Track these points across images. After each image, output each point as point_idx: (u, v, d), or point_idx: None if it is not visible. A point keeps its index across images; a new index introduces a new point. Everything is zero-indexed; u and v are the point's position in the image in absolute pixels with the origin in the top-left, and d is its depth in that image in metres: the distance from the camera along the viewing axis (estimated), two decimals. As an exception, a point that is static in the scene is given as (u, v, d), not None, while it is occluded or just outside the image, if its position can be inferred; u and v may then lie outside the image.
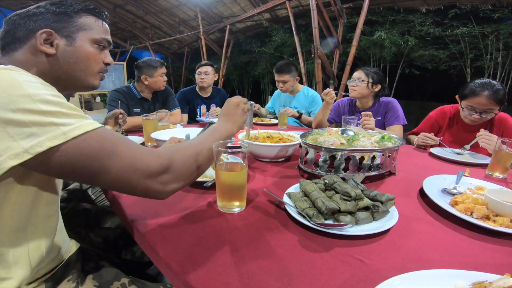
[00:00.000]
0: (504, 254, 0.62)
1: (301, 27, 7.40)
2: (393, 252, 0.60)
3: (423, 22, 6.38)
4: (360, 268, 0.54)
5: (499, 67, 5.96)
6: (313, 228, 0.65)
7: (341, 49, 5.71)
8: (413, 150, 1.56)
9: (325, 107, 1.88)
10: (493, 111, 1.49)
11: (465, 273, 0.50)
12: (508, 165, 1.14)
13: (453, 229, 0.72)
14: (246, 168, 0.75)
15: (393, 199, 0.74)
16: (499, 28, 5.73)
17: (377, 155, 0.95)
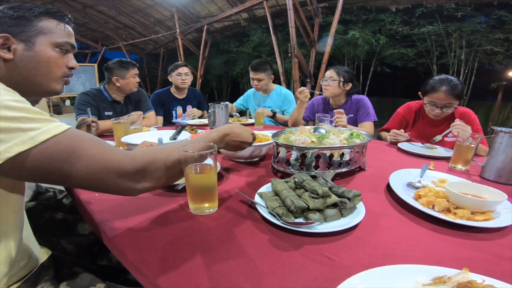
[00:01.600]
0: (465, 248, 0.64)
1: (278, 27, 7.49)
2: (360, 248, 0.61)
3: (393, 21, 6.67)
4: (328, 265, 0.55)
5: (463, 64, 6.35)
6: (283, 227, 0.66)
7: (317, 48, 5.84)
8: (383, 146, 1.62)
9: (299, 105, 1.91)
10: (453, 105, 1.57)
11: (426, 268, 0.51)
12: (469, 158, 1.21)
13: (417, 223, 0.74)
14: (215, 170, 0.74)
15: (359, 195, 0.76)
16: (462, 26, 6.10)
17: (346, 152, 0.97)
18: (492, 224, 0.71)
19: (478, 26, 6.02)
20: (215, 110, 1.59)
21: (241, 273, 0.52)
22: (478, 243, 0.66)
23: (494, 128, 1.13)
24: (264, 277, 0.51)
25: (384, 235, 0.67)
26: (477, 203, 0.78)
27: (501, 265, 0.58)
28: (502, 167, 1.07)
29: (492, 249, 0.64)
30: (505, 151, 1.07)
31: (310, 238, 0.64)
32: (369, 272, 0.50)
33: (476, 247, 0.64)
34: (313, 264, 0.55)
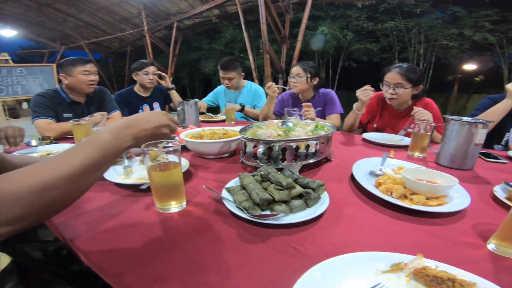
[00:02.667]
0: (422, 233, 0.66)
1: (250, 23, 7.48)
2: (325, 237, 0.63)
3: (359, 17, 6.94)
4: (295, 256, 0.56)
5: (422, 58, 6.78)
6: (251, 220, 0.66)
7: (288, 44, 5.92)
8: (348, 137, 1.68)
9: (269, 101, 1.92)
10: (403, 86, 1.63)
11: (385, 255, 0.52)
12: (425, 145, 1.29)
13: (378, 210, 0.77)
14: (180, 167, 0.73)
15: (323, 185, 0.78)
16: (421, 22, 6.50)
17: (312, 144, 1.00)
18: (445, 209, 0.74)
19: (435, 21, 6.44)
20: (184, 108, 1.56)
21: (209, 267, 0.52)
22: (434, 228, 0.69)
23: (445, 116, 1.21)
24: (232, 271, 0.51)
25: (348, 224, 0.69)
26: (430, 188, 0.81)
27: (455, 250, 0.60)
28: (455, 153, 1.16)
29: (446, 234, 0.66)
30: (456, 137, 1.15)
31: (277, 230, 0.65)
32: (330, 261, 0.50)
33: (432, 232, 0.67)
34: (280, 255, 0.56)
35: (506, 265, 0.55)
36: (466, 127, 1.12)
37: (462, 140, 1.13)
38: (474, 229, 0.69)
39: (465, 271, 0.48)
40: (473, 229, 0.69)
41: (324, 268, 0.49)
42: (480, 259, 0.57)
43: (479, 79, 7.73)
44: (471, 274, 0.47)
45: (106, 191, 0.87)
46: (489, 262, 0.56)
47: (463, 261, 0.56)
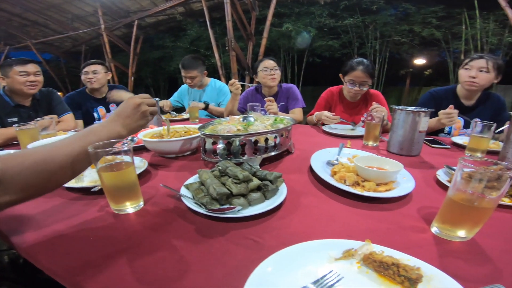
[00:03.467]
0: (373, 219, 0.69)
1: (216, 20, 7.38)
2: (283, 228, 0.64)
3: (322, 13, 7.16)
4: (253, 248, 0.57)
5: (378, 54, 7.21)
6: (210, 215, 0.67)
7: (254, 41, 5.95)
8: (310, 129, 1.75)
9: (233, 98, 1.93)
10: (367, 83, 1.80)
11: (337, 242, 0.54)
12: (377, 134, 1.38)
13: (334, 199, 0.80)
14: (132, 167, 0.71)
15: (280, 176, 0.80)
16: (377, 18, 6.88)
17: (271, 137, 1.02)
18: (393, 194, 0.78)
19: (388, 18, 6.86)
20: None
21: (167, 264, 0.52)
22: (383, 213, 0.72)
23: (392, 106, 1.31)
24: (190, 266, 0.51)
25: (305, 213, 0.71)
26: (379, 175, 0.85)
27: (402, 235, 0.63)
28: (402, 140, 1.25)
29: (394, 218, 0.69)
30: (403, 126, 1.24)
31: (236, 224, 0.66)
32: (284, 251, 0.51)
33: (381, 217, 0.70)
34: (239, 248, 0.57)
35: (448, 248, 0.58)
36: (410, 115, 1.22)
37: (408, 128, 1.23)
38: (419, 213, 0.73)
39: (410, 256, 0.50)
40: (418, 213, 0.73)
41: (279, 258, 0.49)
42: (425, 242, 0.60)
43: (428, 72, 8.46)
44: (415, 259, 0.49)
45: (56, 196, 0.82)
46: (433, 246, 0.59)
47: (410, 245, 0.59)
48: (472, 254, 0.57)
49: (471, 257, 0.56)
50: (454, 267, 0.52)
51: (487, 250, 0.58)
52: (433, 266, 0.47)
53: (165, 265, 0.52)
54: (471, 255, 0.56)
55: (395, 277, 0.46)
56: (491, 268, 0.53)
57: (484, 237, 0.62)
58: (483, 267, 0.53)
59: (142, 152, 1.24)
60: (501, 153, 1.15)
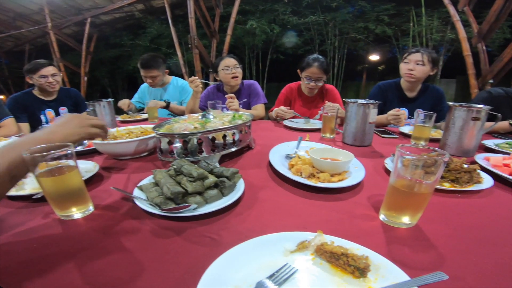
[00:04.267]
0: (327, 210, 0.70)
1: (178, 18, 7.15)
2: (240, 223, 0.65)
3: (285, 11, 7.29)
4: (210, 245, 0.57)
5: (337, 50, 7.55)
6: (166, 215, 0.65)
7: (218, 38, 5.87)
8: (271, 125, 1.79)
9: (193, 96, 1.89)
10: (322, 78, 1.92)
11: (292, 235, 0.54)
12: (333, 126, 1.45)
13: (291, 191, 0.81)
14: (75, 171, 0.66)
15: (237, 172, 0.80)
16: (336, 16, 7.18)
17: (229, 133, 1.02)
18: (345, 184, 0.80)
19: (346, 16, 7.20)
20: (95, 109, 1.41)
21: (119, 267, 0.50)
22: (336, 203, 0.73)
23: (344, 100, 1.38)
24: (145, 267, 0.50)
25: (263, 208, 0.72)
26: (331, 165, 0.88)
27: (353, 224, 0.65)
28: (355, 131, 1.33)
29: (346, 208, 0.71)
30: (355, 118, 1.32)
31: (193, 222, 0.65)
32: (240, 246, 0.51)
33: (335, 207, 0.71)
34: (195, 246, 0.56)
35: (395, 235, 0.60)
36: (361, 108, 1.30)
37: (360, 120, 1.31)
38: (369, 201, 0.75)
39: (359, 245, 0.51)
40: (369, 201, 0.76)
41: (234, 254, 0.49)
42: (374, 230, 0.62)
43: (381, 68, 9.07)
44: (364, 248, 0.50)
45: (0, 207, 0.75)
46: (382, 233, 0.61)
47: (360, 234, 0.60)
48: (417, 240, 0.59)
49: (416, 243, 0.58)
50: (400, 255, 0.54)
51: (430, 236, 0.60)
52: (380, 254, 0.49)
53: (117, 268, 0.50)
54: (416, 242, 0.58)
55: (345, 267, 0.47)
56: (435, 254, 0.54)
57: (427, 223, 0.65)
58: (427, 254, 0.55)
59: (94, 155, 1.17)
60: (441, 140, 1.28)
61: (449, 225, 0.65)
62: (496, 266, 0.51)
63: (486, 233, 0.62)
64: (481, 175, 0.90)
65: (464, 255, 0.54)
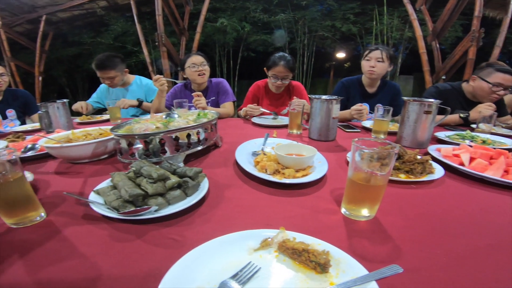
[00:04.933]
0: (291, 205, 0.70)
1: (145, 15, 6.87)
2: (205, 223, 0.64)
3: (256, 9, 7.29)
4: (173, 247, 0.55)
5: (306, 48, 7.71)
6: (127, 219, 0.63)
7: (187, 36, 5.73)
8: (240, 122, 1.79)
9: (159, 94, 1.83)
10: (288, 77, 1.96)
11: (256, 232, 0.53)
12: (299, 122, 1.48)
13: (257, 189, 0.81)
14: (19, 176, 0.62)
15: (201, 171, 0.79)
16: (305, 14, 7.32)
17: (193, 132, 1.01)
18: (309, 179, 0.81)
19: (315, 14, 7.37)
20: (48, 110, 1.31)
21: (75, 273, 0.48)
22: (301, 198, 0.74)
23: (310, 96, 1.41)
24: (103, 272, 0.49)
25: (228, 207, 0.71)
26: (296, 161, 0.89)
27: (316, 218, 0.65)
28: (320, 126, 1.37)
29: (311, 203, 0.72)
30: (319, 113, 1.36)
31: (155, 224, 0.63)
32: (203, 246, 0.50)
33: (299, 203, 0.72)
34: (158, 248, 0.55)
35: (355, 228, 0.62)
36: (325, 103, 1.34)
37: (324, 115, 1.35)
38: (332, 195, 0.77)
39: (320, 240, 0.51)
40: (331, 195, 0.77)
41: (197, 254, 0.48)
42: (336, 224, 0.63)
43: (348, 65, 9.45)
44: (325, 243, 0.50)
45: None
46: (343, 227, 0.62)
47: (323, 228, 0.62)
48: (376, 233, 0.61)
49: (375, 236, 0.59)
50: (360, 248, 0.55)
51: (388, 228, 0.62)
52: (342, 248, 0.49)
53: (74, 274, 0.48)
54: (374, 234, 0.60)
55: (307, 263, 0.47)
56: (392, 247, 0.56)
57: (385, 215, 0.67)
58: (385, 246, 0.56)
59: (47, 160, 1.08)
60: (398, 133, 1.36)
61: (405, 216, 0.68)
62: (448, 256, 0.54)
63: (439, 223, 0.65)
64: (433, 166, 0.96)
65: (419, 246, 0.56)
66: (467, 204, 0.76)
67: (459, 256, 0.54)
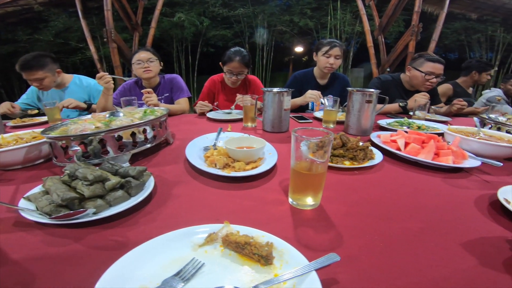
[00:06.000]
0: (241, 199, 0.70)
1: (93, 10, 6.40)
2: (149, 223, 0.62)
3: (215, 3, 7.15)
4: (116, 248, 0.53)
5: (265, 43, 7.81)
6: (61, 223, 0.59)
7: (140, 31, 5.42)
8: (195, 118, 1.76)
9: (104, 93, 1.70)
10: (244, 72, 1.97)
11: (200, 228, 0.53)
12: (253, 115, 1.50)
13: (207, 184, 0.80)
14: None
15: (145, 170, 0.76)
16: (265, 9, 7.38)
17: (138, 130, 0.96)
18: (257, 171, 0.81)
19: (274, 9, 7.47)
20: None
21: (8, 279, 0.46)
22: (250, 191, 0.75)
23: (262, 89, 1.44)
24: (36, 279, 0.46)
25: (175, 204, 0.69)
26: (245, 154, 0.89)
27: (265, 210, 0.66)
28: (272, 118, 1.40)
29: (260, 195, 0.73)
30: (271, 106, 1.39)
31: (96, 227, 0.60)
32: (145, 245, 0.48)
33: (248, 195, 0.73)
34: (99, 251, 0.53)
35: (302, 217, 0.63)
36: (276, 95, 1.37)
37: (276, 107, 1.38)
38: (280, 186, 0.78)
39: (264, 232, 0.51)
40: (280, 185, 0.78)
41: (139, 252, 0.47)
42: (283, 215, 0.64)
43: (305, 59, 9.79)
44: (269, 234, 0.50)
45: None
46: (290, 217, 0.63)
47: (271, 219, 0.62)
48: (320, 221, 0.62)
49: (319, 224, 0.61)
50: (305, 237, 0.56)
51: (331, 216, 0.64)
52: (288, 238, 0.50)
53: (5, 279, 0.46)
54: (319, 223, 0.61)
55: (251, 256, 0.47)
56: (335, 234, 0.58)
57: (329, 202, 0.69)
58: (328, 234, 0.58)
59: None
60: (345, 122, 1.44)
61: (347, 203, 0.71)
62: (385, 241, 0.56)
63: (377, 208, 0.69)
64: (373, 152, 1.03)
65: (358, 233, 0.58)
66: (403, 188, 0.81)
67: (394, 240, 0.56)
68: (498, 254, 0.53)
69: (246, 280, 0.44)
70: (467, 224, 0.63)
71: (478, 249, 0.54)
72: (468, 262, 0.51)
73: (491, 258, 0.52)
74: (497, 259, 0.52)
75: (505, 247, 0.56)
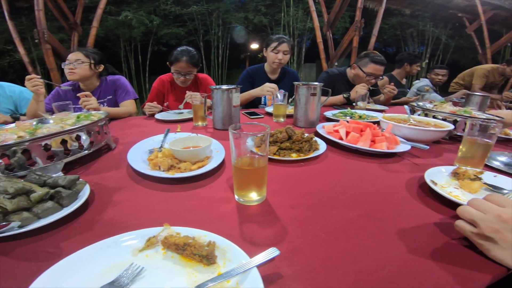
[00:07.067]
0: (187, 200, 0.69)
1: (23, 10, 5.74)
2: (86, 231, 0.58)
3: (167, 1, 6.85)
4: (47, 259, 0.49)
5: (221, 40, 7.74)
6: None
7: (80, 31, 5.00)
8: (142, 120, 1.67)
9: (34, 98, 1.53)
10: (192, 72, 1.93)
11: (139, 232, 0.51)
12: (202, 114, 1.47)
13: (150, 188, 0.76)
14: None
15: (77, 179, 0.71)
16: (219, 6, 7.28)
17: (70, 137, 0.89)
18: (203, 170, 0.80)
19: (229, 6, 7.41)
20: None
21: None
22: (197, 191, 0.74)
23: (210, 87, 1.42)
24: None
25: (116, 210, 0.66)
26: (190, 154, 0.87)
27: (211, 209, 0.65)
28: (223, 116, 1.39)
29: (206, 194, 0.72)
30: (221, 103, 1.38)
31: (23, 240, 0.55)
32: (80, 252, 0.46)
33: (195, 196, 0.72)
34: (27, 263, 0.49)
35: (248, 213, 0.63)
36: (225, 93, 1.37)
37: (225, 104, 1.38)
38: (228, 183, 0.77)
39: (206, 232, 0.50)
40: (227, 183, 0.78)
41: (72, 261, 0.45)
42: (230, 212, 0.64)
43: (261, 56, 9.97)
44: (211, 234, 0.50)
45: None
46: (236, 214, 0.63)
47: (218, 218, 0.61)
48: (265, 216, 0.62)
49: (264, 219, 0.61)
50: (250, 233, 0.56)
51: (276, 209, 0.64)
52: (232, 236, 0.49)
53: None
54: (264, 217, 0.62)
55: (193, 256, 0.46)
56: (279, 228, 0.58)
57: (275, 196, 0.70)
58: (273, 229, 0.58)
59: None
60: (294, 115, 1.50)
61: (293, 196, 0.72)
62: (326, 232, 0.57)
63: (320, 199, 0.70)
64: (318, 142, 1.07)
65: (302, 225, 0.59)
66: (344, 176, 0.85)
67: (335, 230, 0.57)
68: (428, 239, 0.55)
69: (189, 281, 0.44)
70: (398, 209, 0.67)
71: (410, 235, 0.56)
72: (400, 248, 0.52)
73: (422, 243, 0.54)
74: (428, 244, 0.54)
75: (434, 230, 0.58)
